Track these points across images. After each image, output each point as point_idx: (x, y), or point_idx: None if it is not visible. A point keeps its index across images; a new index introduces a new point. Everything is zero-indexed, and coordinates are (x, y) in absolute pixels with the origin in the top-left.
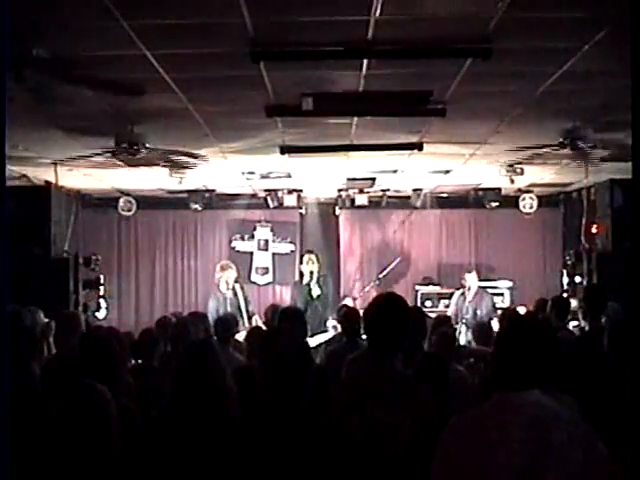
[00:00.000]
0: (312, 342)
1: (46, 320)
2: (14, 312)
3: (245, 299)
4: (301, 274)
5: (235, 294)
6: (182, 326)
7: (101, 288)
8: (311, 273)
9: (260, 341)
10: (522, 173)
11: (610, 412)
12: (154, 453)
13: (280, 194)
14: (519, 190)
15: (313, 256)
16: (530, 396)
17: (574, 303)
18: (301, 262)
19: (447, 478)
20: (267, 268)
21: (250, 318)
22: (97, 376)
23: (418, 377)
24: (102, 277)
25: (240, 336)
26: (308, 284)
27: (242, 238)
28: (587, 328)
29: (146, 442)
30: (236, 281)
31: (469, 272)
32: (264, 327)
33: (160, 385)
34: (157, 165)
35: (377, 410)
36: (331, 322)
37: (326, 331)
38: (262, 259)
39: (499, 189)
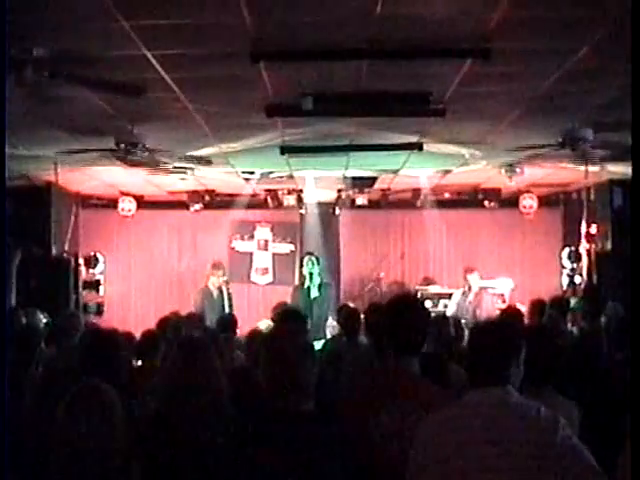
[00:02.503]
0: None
1: (44, 320)
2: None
3: (230, 300)
4: (302, 277)
5: (221, 292)
6: (179, 326)
7: (101, 288)
8: (310, 275)
9: (264, 341)
10: (522, 173)
11: (610, 412)
12: (150, 452)
13: (280, 194)
14: (519, 190)
15: (313, 258)
16: (495, 394)
17: (574, 303)
18: (301, 264)
19: (418, 478)
20: (267, 268)
21: None
22: (101, 376)
23: None
24: (102, 277)
25: None
26: (308, 287)
27: (242, 238)
28: (587, 328)
29: (143, 441)
30: (226, 282)
31: (471, 272)
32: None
33: (159, 385)
34: (157, 166)
35: (393, 412)
36: (331, 322)
37: (323, 337)
38: (262, 259)
39: (499, 189)
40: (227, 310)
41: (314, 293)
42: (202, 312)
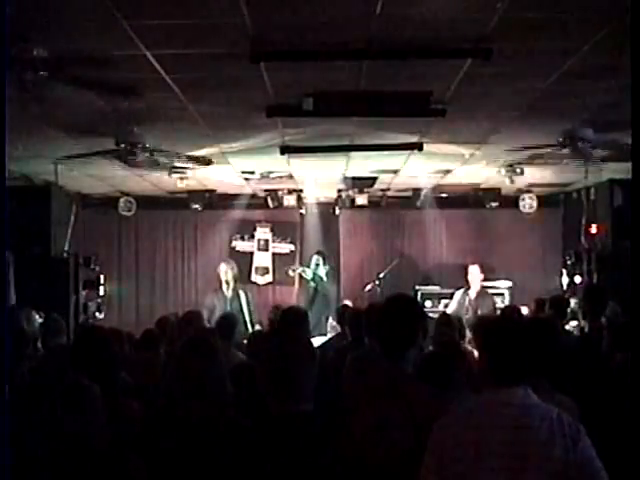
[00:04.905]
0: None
1: (40, 320)
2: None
3: (248, 305)
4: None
5: (237, 296)
6: (180, 326)
7: (101, 288)
8: (314, 274)
9: (263, 342)
10: (522, 173)
11: (610, 413)
12: (150, 451)
13: (280, 194)
14: (519, 190)
15: (320, 258)
16: (516, 395)
17: (574, 303)
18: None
19: (435, 476)
20: (267, 268)
21: (252, 325)
22: (92, 374)
23: (422, 376)
24: (102, 277)
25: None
26: (312, 287)
27: (242, 238)
28: (587, 328)
29: (143, 440)
30: (238, 285)
31: (472, 264)
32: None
33: (160, 385)
34: (157, 166)
35: (381, 413)
36: (331, 322)
37: (324, 334)
38: (262, 259)
39: (499, 189)
40: (247, 316)
41: (316, 290)
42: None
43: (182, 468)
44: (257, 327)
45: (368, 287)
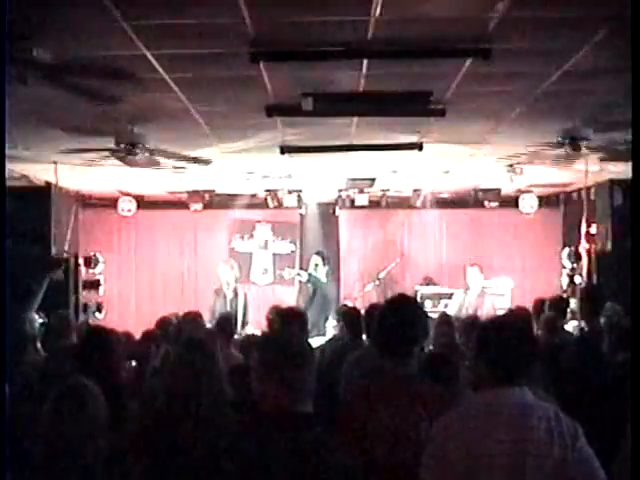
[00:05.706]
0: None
1: (41, 321)
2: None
3: (245, 305)
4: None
5: (236, 295)
6: (179, 326)
7: (101, 288)
8: (310, 275)
9: (259, 343)
10: (522, 173)
11: (609, 413)
12: (150, 452)
13: (280, 194)
14: (519, 190)
15: (319, 258)
16: (514, 394)
17: (574, 303)
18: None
19: (434, 476)
20: (267, 268)
21: (243, 325)
22: (93, 374)
23: (422, 376)
24: (102, 277)
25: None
26: (312, 287)
27: (242, 238)
28: (586, 328)
29: (143, 441)
30: (238, 285)
31: (471, 265)
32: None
33: (160, 385)
34: (157, 166)
35: (393, 413)
36: (331, 322)
37: (323, 334)
38: (262, 259)
39: (499, 189)
40: (240, 315)
41: (315, 290)
42: (215, 314)
43: (181, 468)
44: (248, 327)
45: (368, 287)
